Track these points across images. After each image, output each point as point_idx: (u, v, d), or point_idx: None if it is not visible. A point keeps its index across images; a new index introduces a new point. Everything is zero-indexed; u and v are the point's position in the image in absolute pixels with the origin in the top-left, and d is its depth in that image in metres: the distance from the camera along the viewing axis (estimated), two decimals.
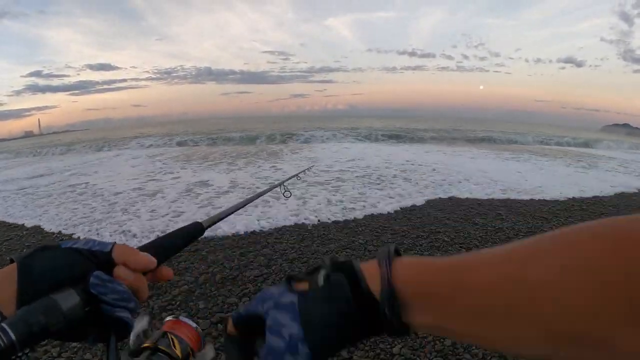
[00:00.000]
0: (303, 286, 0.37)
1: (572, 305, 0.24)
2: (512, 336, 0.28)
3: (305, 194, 5.91)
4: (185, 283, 2.96)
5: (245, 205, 0.79)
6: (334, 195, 5.93)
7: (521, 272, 0.27)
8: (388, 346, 2.16)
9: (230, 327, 0.41)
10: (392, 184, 6.89)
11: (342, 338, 0.34)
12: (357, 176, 7.69)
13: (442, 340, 2.20)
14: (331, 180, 7.19)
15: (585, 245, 0.26)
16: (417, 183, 6.96)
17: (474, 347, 2.12)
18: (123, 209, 5.36)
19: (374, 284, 0.34)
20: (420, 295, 0.32)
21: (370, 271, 0.35)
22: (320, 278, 0.36)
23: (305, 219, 4.61)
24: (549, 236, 0.29)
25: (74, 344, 2.16)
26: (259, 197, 0.95)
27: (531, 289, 0.26)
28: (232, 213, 0.69)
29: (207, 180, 7.43)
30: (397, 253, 0.36)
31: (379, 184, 6.89)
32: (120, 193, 6.51)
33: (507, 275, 0.28)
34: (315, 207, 5.17)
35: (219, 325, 2.39)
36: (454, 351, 2.11)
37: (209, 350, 0.50)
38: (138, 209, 5.34)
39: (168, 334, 0.50)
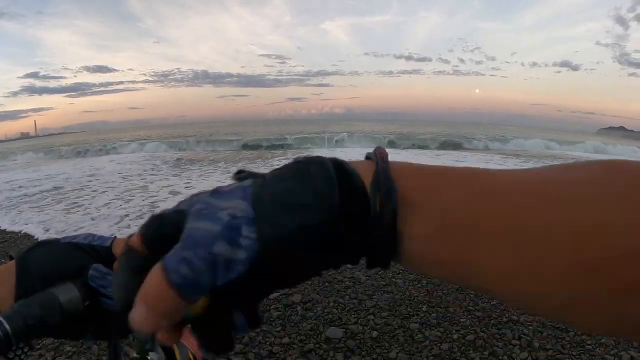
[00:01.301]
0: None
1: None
2: (536, 272, 0.19)
3: None
4: None
5: None
6: None
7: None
8: (385, 351, 2.15)
9: (135, 239, 0.24)
10: None
11: (314, 232, 0.22)
12: None
13: (439, 344, 2.19)
14: None
15: None
16: None
17: (471, 351, 2.12)
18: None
19: (365, 175, 0.24)
20: (423, 193, 0.23)
21: (360, 164, 0.25)
22: (290, 161, 0.25)
23: None
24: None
25: (69, 348, 2.14)
26: None
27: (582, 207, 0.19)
28: None
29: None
30: None
31: None
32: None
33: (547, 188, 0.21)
34: None
35: None
36: (451, 355, 2.11)
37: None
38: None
39: None
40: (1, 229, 4.75)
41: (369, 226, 0.23)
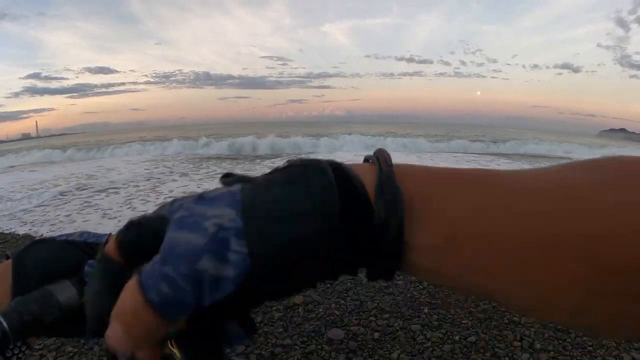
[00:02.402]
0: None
1: None
2: (551, 279, 0.18)
3: None
4: None
5: None
6: None
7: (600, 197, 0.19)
8: (386, 352, 2.15)
9: (110, 247, 0.22)
10: None
11: (307, 247, 0.20)
12: None
13: (440, 346, 2.19)
14: None
15: None
16: None
17: (472, 352, 2.11)
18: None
19: (367, 179, 0.21)
20: (431, 200, 0.21)
21: (361, 167, 0.23)
22: (283, 164, 0.23)
23: None
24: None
25: (70, 348, 2.14)
26: None
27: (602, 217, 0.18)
28: None
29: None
30: None
31: None
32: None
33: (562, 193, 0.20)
34: None
35: None
36: (452, 357, 2.11)
37: None
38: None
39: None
40: (37, 233, 4.75)
41: (371, 236, 0.20)
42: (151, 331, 0.20)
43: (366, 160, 0.24)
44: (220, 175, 0.24)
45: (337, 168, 0.22)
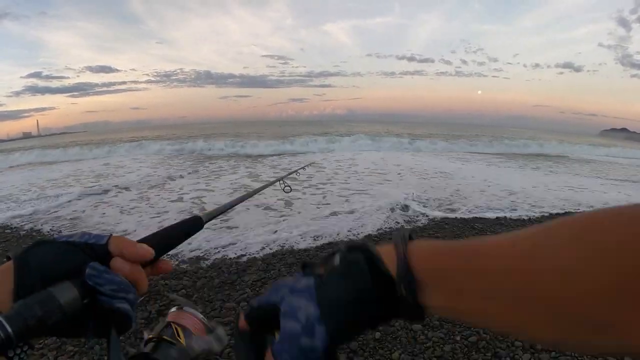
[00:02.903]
0: (319, 271, 0.37)
1: (590, 291, 0.24)
2: (521, 319, 0.28)
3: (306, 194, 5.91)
4: (183, 287, 2.94)
5: (245, 200, 0.78)
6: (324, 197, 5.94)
7: (530, 260, 0.28)
8: (387, 352, 2.15)
9: (241, 322, 0.39)
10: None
11: (359, 317, 0.34)
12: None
13: (441, 345, 2.19)
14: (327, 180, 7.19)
15: (619, 229, 0.25)
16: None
17: (473, 352, 2.11)
18: None
19: (391, 263, 0.34)
20: (435, 276, 0.32)
21: (387, 252, 0.35)
22: (337, 259, 0.36)
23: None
24: (575, 219, 0.28)
25: (71, 347, 2.14)
26: (259, 191, 0.94)
27: (539, 274, 0.27)
28: (232, 207, 0.69)
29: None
30: (411, 238, 0.36)
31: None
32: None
33: (514, 262, 0.29)
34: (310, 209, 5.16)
35: None
36: (453, 357, 2.11)
37: (220, 331, 0.51)
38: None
39: (172, 324, 0.50)
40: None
41: (397, 305, 0.33)
42: None
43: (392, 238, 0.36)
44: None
45: (369, 258, 0.34)
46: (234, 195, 5.69)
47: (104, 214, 5.35)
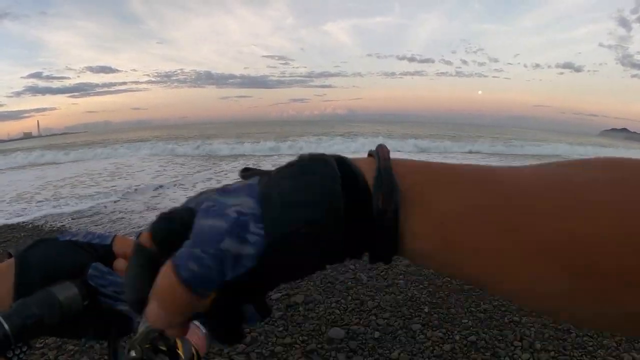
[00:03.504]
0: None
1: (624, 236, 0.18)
2: (545, 268, 0.20)
3: None
4: None
5: None
6: None
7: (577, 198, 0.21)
8: (387, 351, 2.15)
9: (143, 236, 0.25)
10: None
11: (318, 228, 0.23)
12: None
13: (440, 345, 2.19)
14: None
15: None
16: None
17: (472, 352, 2.11)
18: None
19: (368, 172, 0.24)
20: (425, 191, 0.23)
21: (363, 161, 0.26)
22: (295, 159, 0.26)
23: None
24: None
25: (71, 347, 2.15)
26: None
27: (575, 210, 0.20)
28: None
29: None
30: None
31: None
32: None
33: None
34: None
35: None
36: (452, 356, 2.11)
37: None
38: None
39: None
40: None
41: (371, 223, 0.23)
42: (184, 306, 0.22)
43: (369, 155, 0.27)
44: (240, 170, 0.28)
45: (341, 162, 0.25)
46: None
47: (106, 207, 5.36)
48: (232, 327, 0.26)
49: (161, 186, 7.15)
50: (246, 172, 0.27)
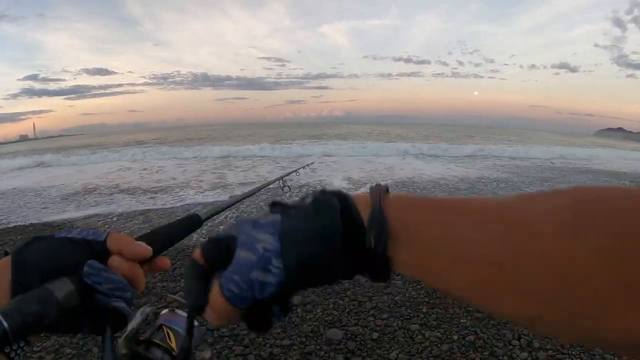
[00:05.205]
0: (289, 210, 0.34)
1: (584, 276, 0.21)
2: (504, 288, 0.25)
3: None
4: (181, 289, 2.94)
5: (243, 199, 0.78)
6: None
7: (523, 232, 0.25)
8: (385, 352, 2.15)
9: (196, 253, 0.35)
10: None
11: (320, 260, 0.30)
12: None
13: (439, 345, 2.19)
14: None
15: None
16: None
17: (470, 352, 2.12)
18: None
19: (364, 211, 0.31)
20: (409, 228, 0.30)
21: (362, 199, 0.32)
22: (309, 198, 0.34)
23: None
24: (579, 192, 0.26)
25: (69, 350, 2.14)
26: (258, 191, 0.94)
27: (526, 254, 0.24)
28: (231, 206, 0.69)
29: None
30: (387, 192, 0.34)
31: None
32: None
33: (497, 228, 0.26)
34: None
35: (214, 332, 2.38)
36: (450, 356, 2.11)
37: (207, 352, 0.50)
38: None
39: (163, 326, 0.49)
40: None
41: (366, 254, 0.30)
42: (228, 314, 0.33)
43: (370, 190, 0.34)
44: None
45: (343, 201, 0.32)
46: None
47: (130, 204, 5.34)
48: (263, 322, 0.34)
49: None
50: (274, 207, 0.35)
